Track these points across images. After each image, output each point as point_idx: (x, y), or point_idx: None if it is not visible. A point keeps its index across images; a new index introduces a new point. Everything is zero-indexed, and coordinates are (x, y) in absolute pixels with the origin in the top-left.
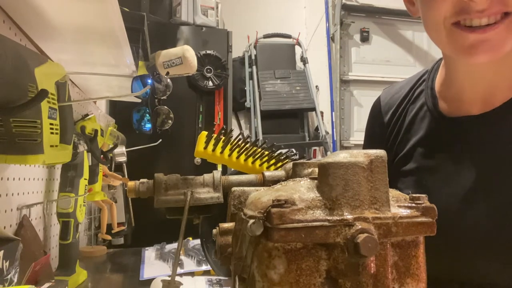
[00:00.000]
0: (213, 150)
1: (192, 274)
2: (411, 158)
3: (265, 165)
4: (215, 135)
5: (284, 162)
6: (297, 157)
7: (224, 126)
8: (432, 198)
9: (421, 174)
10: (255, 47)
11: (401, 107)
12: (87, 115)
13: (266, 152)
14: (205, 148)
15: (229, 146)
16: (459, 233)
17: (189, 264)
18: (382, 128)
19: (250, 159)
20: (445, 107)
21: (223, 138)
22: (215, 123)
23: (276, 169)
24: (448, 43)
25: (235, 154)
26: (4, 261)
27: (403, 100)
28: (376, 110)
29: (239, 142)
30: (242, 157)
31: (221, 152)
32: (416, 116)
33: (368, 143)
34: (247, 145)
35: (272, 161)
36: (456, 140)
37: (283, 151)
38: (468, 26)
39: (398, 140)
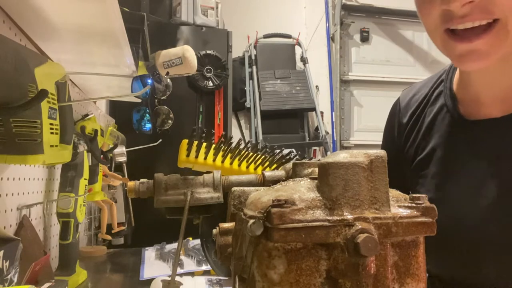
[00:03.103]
0: (196, 156)
1: (192, 274)
2: (430, 161)
3: (252, 166)
4: (196, 142)
5: (266, 160)
6: (281, 154)
7: (205, 130)
8: (453, 204)
9: (441, 178)
10: (255, 47)
11: (420, 108)
12: (87, 115)
13: (251, 153)
14: (188, 155)
15: (212, 151)
16: (480, 239)
17: (189, 264)
18: (401, 129)
19: (236, 162)
20: (465, 108)
21: (205, 143)
22: (194, 127)
23: (264, 168)
24: (443, 50)
25: (219, 158)
26: (4, 261)
27: (421, 102)
28: (395, 112)
29: (222, 145)
30: (227, 160)
31: (205, 158)
32: (436, 118)
33: (386, 145)
34: (231, 147)
35: (259, 161)
36: (477, 143)
37: (269, 149)
38: (456, 33)
39: (417, 142)
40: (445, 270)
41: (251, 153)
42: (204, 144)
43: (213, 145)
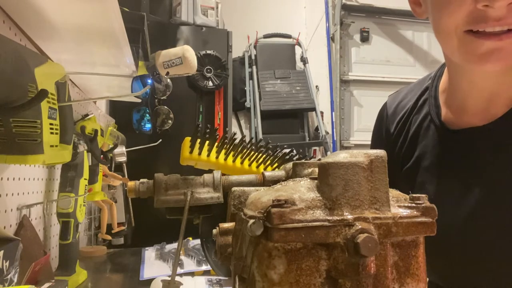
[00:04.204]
0: (199, 153)
1: (192, 274)
2: (417, 172)
3: (255, 164)
4: (199, 140)
5: (268, 158)
6: (284, 152)
7: (209, 125)
8: (439, 214)
9: (428, 189)
10: (255, 47)
11: (405, 116)
12: (87, 115)
13: (253, 152)
14: (191, 152)
15: (215, 148)
16: (464, 248)
17: (189, 264)
18: (389, 136)
19: (238, 159)
20: (449, 116)
21: (208, 141)
22: (198, 123)
23: (267, 166)
24: (459, 50)
25: (222, 156)
26: (4, 261)
27: (407, 109)
28: (382, 118)
29: (225, 141)
30: (230, 158)
31: (208, 155)
32: (421, 127)
33: (375, 148)
34: (235, 145)
35: (261, 160)
36: (459, 153)
37: (271, 147)
38: (482, 32)
39: (403, 151)
40: (441, 279)
41: (253, 151)
42: (207, 142)
43: (216, 143)
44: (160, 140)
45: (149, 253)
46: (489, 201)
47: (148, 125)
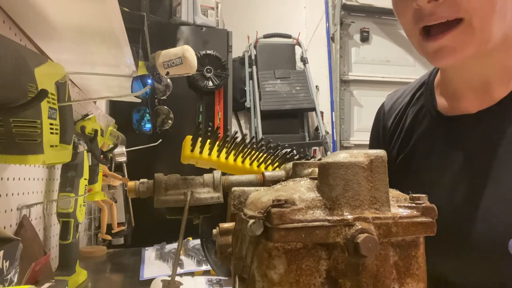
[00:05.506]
0: (201, 152)
1: (192, 274)
2: (412, 159)
3: (255, 163)
4: (200, 138)
5: (269, 158)
6: (284, 151)
7: (210, 124)
8: (433, 201)
9: (422, 175)
10: (255, 47)
11: (402, 110)
12: (87, 115)
13: (253, 151)
14: (192, 150)
15: (216, 147)
16: (458, 234)
17: (189, 264)
18: (386, 131)
19: (240, 159)
20: (445, 106)
21: (210, 139)
22: (200, 121)
23: (266, 167)
24: (419, 50)
25: (223, 154)
26: (4, 261)
27: (404, 104)
28: (380, 117)
29: (227, 139)
30: (231, 157)
31: (209, 154)
32: (417, 117)
33: (373, 147)
34: (236, 144)
35: (262, 159)
36: (454, 138)
37: (272, 146)
38: (429, 32)
39: (399, 142)
40: (432, 267)
41: (254, 151)
42: (208, 141)
43: (217, 142)
44: (160, 140)
45: (149, 253)
46: (481, 187)
47: (148, 125)
